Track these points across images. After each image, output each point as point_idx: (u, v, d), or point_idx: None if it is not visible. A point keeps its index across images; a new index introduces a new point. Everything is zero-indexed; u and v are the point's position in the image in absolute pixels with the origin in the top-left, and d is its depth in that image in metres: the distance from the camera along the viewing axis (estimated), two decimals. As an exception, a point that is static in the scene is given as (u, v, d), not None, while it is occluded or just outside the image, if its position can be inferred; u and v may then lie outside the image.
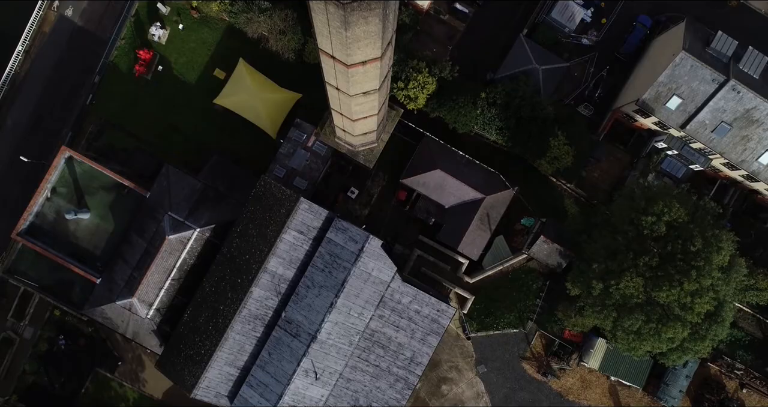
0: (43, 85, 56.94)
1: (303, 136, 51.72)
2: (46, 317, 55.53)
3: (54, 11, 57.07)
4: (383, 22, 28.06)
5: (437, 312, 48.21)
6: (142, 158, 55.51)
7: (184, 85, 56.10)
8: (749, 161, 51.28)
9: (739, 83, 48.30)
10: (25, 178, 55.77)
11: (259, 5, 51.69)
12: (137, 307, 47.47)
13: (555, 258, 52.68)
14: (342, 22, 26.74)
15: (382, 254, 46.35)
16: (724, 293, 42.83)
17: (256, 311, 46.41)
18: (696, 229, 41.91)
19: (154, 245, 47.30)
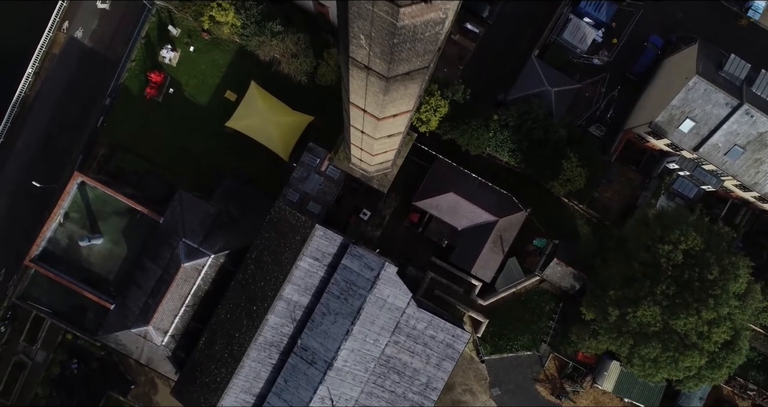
0: (53, 107, 56.74)
1: (316, 160, 51.63)
2: (58, 341, 55.40)
3: (64, 33, 56.85)
4: (422, 84, 27.70)
5: (452, 337, 48.21)
6: (153, 180, 55.43)
7: (196, 108, 55.95)
8: (762, 184, 51.34)
9: (753, 107, 48.35)
10: (35, 200, 55.66)
11: (272, 29, 51.52)
12: (152, 334, 47.37)
13: (568, 280, 52.72)
14: (382, 89, 26.07)
15: (397, 281, 46.32)
16: (740, 321, 42.90)
17: (272, 338, 46.35)
18: (712, 257, 41.94)
19: (168, 273, 47.19)
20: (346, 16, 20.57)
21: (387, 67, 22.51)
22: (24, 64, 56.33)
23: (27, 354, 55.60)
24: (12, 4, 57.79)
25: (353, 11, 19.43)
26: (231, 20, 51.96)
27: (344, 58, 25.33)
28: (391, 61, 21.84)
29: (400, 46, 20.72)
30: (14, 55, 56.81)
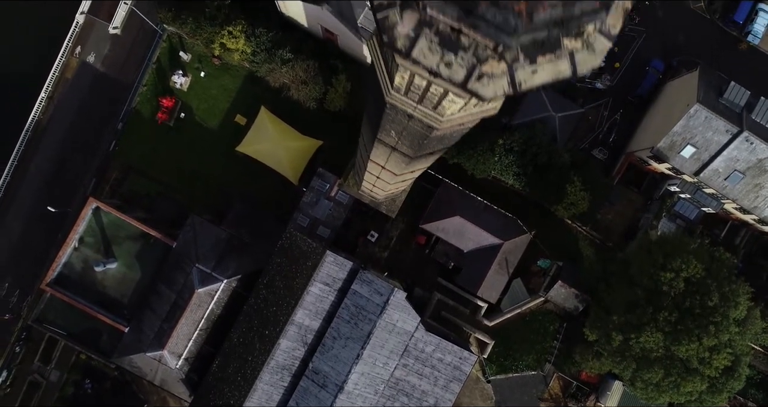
0: (66, 130, 57.80)
1: (326, 186, 52.74)
2: (72, 361, 56.46)
3: (76, 57, 57.91)
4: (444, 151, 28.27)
5: (459, 359, 49.38)
6: (165, 203, 56.57)
7: (206, 132, 57.02)
8: (761, 208, 52.54)
9: (752, 135, 49.51)
10: (48, 222, 56.73)
11: (282, 56, 52.56)
12: (167, 358, 48.50)
13: (572, 302, 53.90)
14: (405, 161, 26.42)
15: (406, 306, 47.48)
16: (740, 347, 44.13)
17: (284, 361, 47.51)
18: (713, 284, 43.15)
19: (182, 298, 48.31)
20: (379, 117, 20.96)
21: (413, 152, 23.25)
22: (37, 88, 57.42)
23: (41, 374, 56.69)
24: (26, 30, 58.86)
25: (388, 117, 19.98)
26: (241, 47, 53.00)
27: (370, 136, 25.92)
28: (419, 149, 22.54)
29: (430, 142, 21.40)
30: (28, 79, 57.90)
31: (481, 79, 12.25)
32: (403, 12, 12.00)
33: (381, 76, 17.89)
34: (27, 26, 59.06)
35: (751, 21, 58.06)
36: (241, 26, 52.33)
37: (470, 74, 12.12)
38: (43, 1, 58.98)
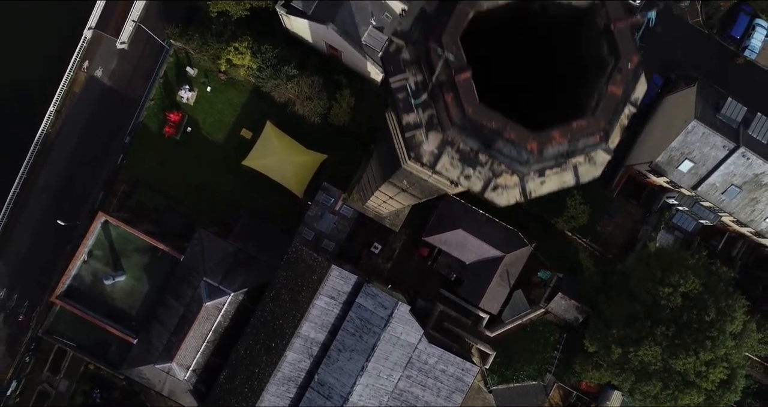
0: (74, 144, 58.68)
1: (330, 200, 53.72)
2: (81, 370, 57.38)
3: (84, 72, 58.81)
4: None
5: (462, 370, 50.41)
6: (172, 216, 57.54)
7: (212, 145, 57.96)
8: (758, 221, 53.55)
9: (749, 150, 50.51)
10: (56, 235, 57.56)
11: (287, 72, 53.50)
12: (175, 370, 49.49)
13: (572, 313, 54.92)
14: (414, 198, 27.11)
15: (410, 319, 48.51)
16: (736, 360, 45.17)
17: (290, 373, 48.52)
18: (710, 299, 44.16)
19: (191, 311, 49.29)
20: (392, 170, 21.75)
21: (423, 195, 24.22)
22: (46, 102, 58.29)
23: (51, 384, 57.64)
24: (35, 45, 59.71)
25: (402, 174, 20.77)
26: (247, 63, 53.93)
27: (380, 173, 26.62)
28: (428, 195, 23.52)
29: (440, 192, 22.33)
30: (37, 93, 58.81)
31: (496, 190, 13.55)
32: (429, 133, 13.10)
33: (399, 147, 18.81)
34: (36, 41, 59.86)
35: (749, 36, 59.08)
36: (247, 42, 53.27)
37: (487, 186, 13.40)
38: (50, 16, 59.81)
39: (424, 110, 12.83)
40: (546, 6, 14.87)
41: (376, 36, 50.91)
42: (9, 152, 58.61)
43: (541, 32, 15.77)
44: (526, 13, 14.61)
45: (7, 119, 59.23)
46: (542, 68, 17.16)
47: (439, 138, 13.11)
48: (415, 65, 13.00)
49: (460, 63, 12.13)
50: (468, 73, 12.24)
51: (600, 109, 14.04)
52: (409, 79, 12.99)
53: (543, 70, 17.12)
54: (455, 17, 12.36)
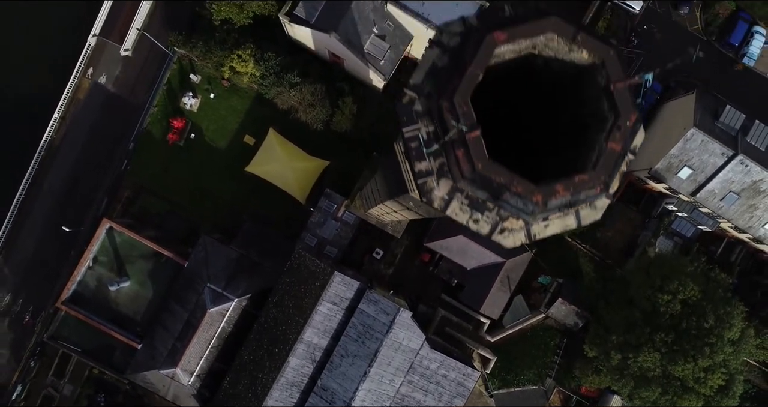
0: (78, 151, 59.17)
1: (333, 206, 54.23)
2: (86, 375, 57.87)
3: (88, 78, 59.31)
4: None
5: (463, 375, 50.93)
6: (175, 221, 58.06)
7: (216, 152, 58.45)
8: (756, 227, 54.06)
9: (747, 158, 51.01)
10: (61, 240, 58.05)
11: (290, 80, 53.99)
12: (180, 376, 50.01)
13: (572, 318, 55.44)
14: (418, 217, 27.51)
15: (411, 325, 49.02)
16: (734, 366, 45.70)
17: (293, 378, 49.01)
18: (709, 306, 44.69)
19: (195, 317, 49.79)
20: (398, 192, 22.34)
21: (428, 215, 24.85)
22: (51, 109, 58.77)
23: (55, 388, 58.14)
24: (39, 52, 60.20)
25: (408, 197, 21.33)
26: (251, 71, 54.41)
27: (386, 191, 27.14)
28: (434, 215, 24.12)
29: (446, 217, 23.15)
30: (41, 100, 59.26)
31: (503, 233, 14.39)
32: (440, 180, 13.89)
33: (407, 177, 19.38)
34: (40, 48, 60.33)
35: (747, 43, 59.55)
36: (250, 50, 53.77)
37: (494, 229, 14.28)
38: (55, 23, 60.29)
39: (435, 159, 13.50)
40: (549, 61, 15.66)
41: (378, 44, 51.45)
42: (14, 158, 59.13)
43: (545, 88, 16.41)
44: (531, 68, 15.37)
45: (12, 126, 59.77)
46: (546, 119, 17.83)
47: (449, 185, 13.77)
48: (427, 117, 13.64)
49: (470, 121, 12.94)
50: (478, 132, 13.12)
51: (600, 164, 15.01)
52: (421, 130, 13.71)
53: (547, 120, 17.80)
54: (466, 79, 13.17)
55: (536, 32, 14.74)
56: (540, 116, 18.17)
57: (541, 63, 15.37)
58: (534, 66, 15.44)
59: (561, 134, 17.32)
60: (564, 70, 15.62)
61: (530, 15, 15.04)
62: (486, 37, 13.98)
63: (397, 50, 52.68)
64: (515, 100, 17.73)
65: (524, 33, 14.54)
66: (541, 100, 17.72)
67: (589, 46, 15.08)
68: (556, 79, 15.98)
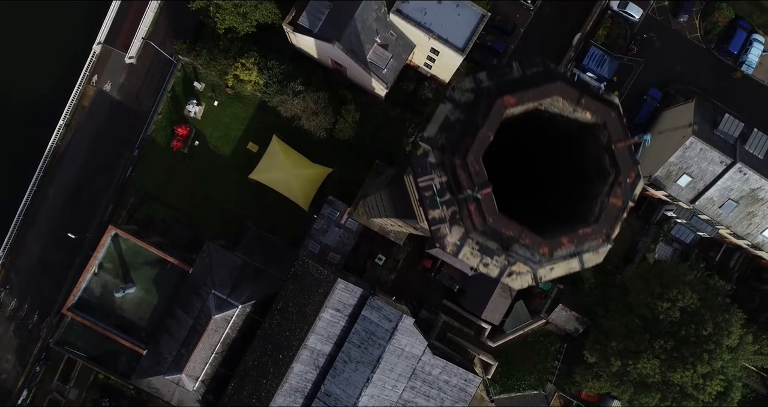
0: (83, 157, 59.70)
1: (336, 213, 54.79)
2: (91, 379, 58.41)
3: (93, 86, 59.86)
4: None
5: (464, 381, 51.50)
6: (179, 227, 58.66)
7: (220, 159, 58.99)
8: (754, 234, 54.65)
9: (745, 166, 51.59)
10: (65, 245, 58.58)
11: (293, 88, 54.48)
12: (185, 381, 50.57)
13: (572, 324, 56.03)
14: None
15: (414, 331, 49.59)
16: (732, 372, 46.30)
17: (297, 384, 49.58)
18: (707, 313, 45.27)
19: (200, 323, 50.35)
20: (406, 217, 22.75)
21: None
22: (56, 116, 59.28)
23: (61, 392, 58.71)
24: (45, 59, 60.70)
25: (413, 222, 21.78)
26: (254, 79, 54.93)
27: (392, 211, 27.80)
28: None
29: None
30: (47, 107, 59.78)
31: (511, 276, 15.33)
32: (452, 227, 14.75)
33: (417, 210, 20.11)
34: (46, 55, 60.82)
35: (746, 51, 60.11)
36: (254, 58, 54.28)
37: (503, 273, 15.16)
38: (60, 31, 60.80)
39: (447, 207, 14.19)
40: (555, 116, 16.47)
41: (381, 53, 52.02)
42: (20, 164, 59.72)
43: (551, 135, 17.02)
44: (539, 118, 16.13)
45: (18, 133, 60.38)
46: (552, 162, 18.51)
47: (461, 232, 14.48)
48: (440, 168, 14.34)
49: (482, 180, 13.84)
50: (489, 189, 14.11)
51: (603, 218, 15.96)
52: (434, 180, 14.54)
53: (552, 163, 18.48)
54: (478, 141, 14.09)
55: (543, 96, 15.67)
56: (546, 159, 18.85)
57: (547, 116, 15.98)
58: (541, 117, 16.04)
59: (565, 178, 17.99)
60: (569, 124, 16.25)
61: (537, 78, 15.92)
62: (497, 102, 14.88)
63: (399, 59, 53.26)
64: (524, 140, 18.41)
65: (532, 97, 15.51)
66: (548, 146, 18.40)
67: (592, 109, 16.05)
68: (561, 129, 16.60)
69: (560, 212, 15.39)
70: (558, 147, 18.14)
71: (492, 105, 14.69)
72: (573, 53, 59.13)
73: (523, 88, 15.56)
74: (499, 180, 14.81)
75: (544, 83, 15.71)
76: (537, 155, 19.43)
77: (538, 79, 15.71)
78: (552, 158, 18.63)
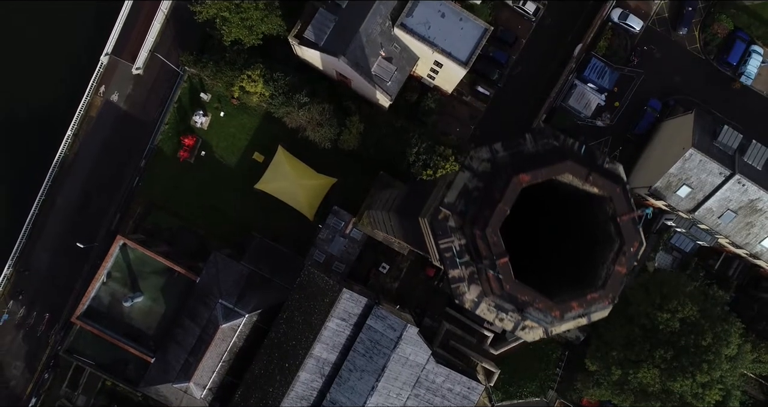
0: (91, 167, 60.47)
1: (341, 223, 55.61)
2: (99, 386, 59.27)
3: (100, 96, 60.64)
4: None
5: (467, 389, 52.35)
6: (186, 236, 59.50)
7: (226, 169, 59.80)
8: (753, 244, 55.50)
9: (744, 177, 52.39)
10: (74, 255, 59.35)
11: (299, 100, 55.26)
12: (193, 390, 51.43)
13: (574, 332, 56.89)
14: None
15: (418, 340, 50.44)
16: (731, 381, 47.19)
17: (303, 392, 50.43)
18: (707, 324, 46.13)
19: (207, 332, 51.21)
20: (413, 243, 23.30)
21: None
22: (64, 126, 60.05)
23: (69, 399, 59.55)
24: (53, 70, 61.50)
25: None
26: (260, 90, 55.71)
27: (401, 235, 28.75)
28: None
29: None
30: (55, 117, 60.57)
31: (524, 330, 16.71)
32: (471, 285, 16.02)
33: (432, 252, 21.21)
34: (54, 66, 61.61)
35: (745, 62, 60.89)
36: (260, 70, 55.03)
37: (516, 327, 16.48)
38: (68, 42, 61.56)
39: (466, 267, 15.32)
40: (565, 185, 17.77)
41: (386, 66, 52.81)
42: (28, 174, 60.53)
43: (560, 196, 18.02)
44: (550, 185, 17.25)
45: (26, 142, 61.22)
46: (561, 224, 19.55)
47: (479, 290, 15.54)
48: (459, 232, 15.45)
49: (500, 250, 15.26)
50: (506, 258, 15.59)
51: (609, 285, 17.41)
52: (454, 242, 15.89)
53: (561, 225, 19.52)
54: (496, 215, 15.62)
55: (555, 174, 17.23)
56: (555, 215, 19.88)
57: (557, 184, 16.97)
58: (552, 185, 17.05)
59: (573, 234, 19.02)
60: (577, 192, 17.26)
61: (549, 154, 17.46)
62: (513, 180, 16.44)
63: (403, 71, 54.06)
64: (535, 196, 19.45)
65: (545, 175, 17.04)
66: (557, 203, 19.41)
67: (599, 184, 17.60)
68: (570, 192, 17.61)
69: (568, 269, 16.62)
70: (567, 206, 19.20)
71: (509, 182, 15.92)
72: (574, 64, 59.92)
73: (537, 164, 16.78)
74: (511, 235, 15.82)
75: (555, 160, 16.92)
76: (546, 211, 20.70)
77: (549, 156, 16.91)
78: (561, 215, 19.72)
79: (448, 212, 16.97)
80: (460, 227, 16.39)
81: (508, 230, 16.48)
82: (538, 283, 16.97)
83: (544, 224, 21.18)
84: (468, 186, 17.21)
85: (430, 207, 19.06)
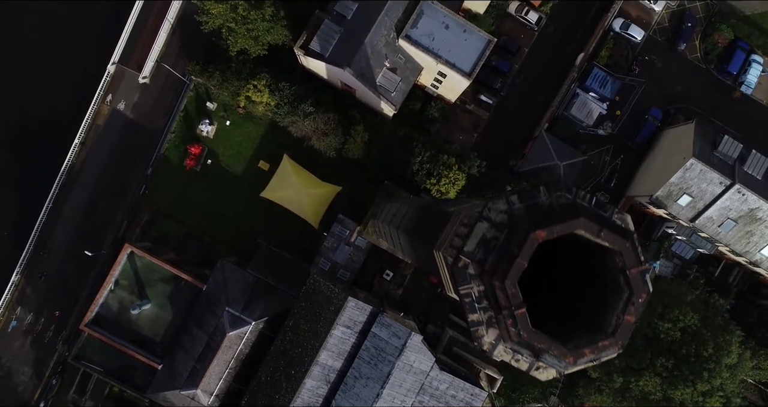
0: (98, 175, 61.11)
1: (345, 232, 56.30)
2: (106, 392, 59.93)
3: (107, 105, 61.31)
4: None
5: (471, 396, 53.06)
6: (192, 244, 60.15)
7: (231, 177, 60.47)
8: (752, 252, 56.22)
9: (744, 187, 53.11)
10: (81, 262, 60.04)
11: (304, 110, 55.91)
12: (200, 396, 52.14)
13: (575, 339, 57.54)
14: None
15: (422, 348, 51.13)
16: (731, 389, 47.92)
17: (309, 399, 51.11)
18: (708, 334, 46.84)
19: (215, 340, 51.88)
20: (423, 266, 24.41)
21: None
22: (71, 134, 60.70)
23: (77, 404, 60.18)
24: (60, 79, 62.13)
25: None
26: (266, 100, 56.36)
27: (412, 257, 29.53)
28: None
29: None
30: (62, 126, 61.20)
31: (539, 370, 17.71)
32: (489, 328, 16.99)
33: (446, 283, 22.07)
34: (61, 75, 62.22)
35: (745, 71, 61.60)
36: (266, 80, 55.66)
37: (531, 367, 17.51)
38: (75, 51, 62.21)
39: (484, 312, 16.18)
40: (578, 235, 18.74)
41: (390, 77, 53.49)
42: (36, 182, 61.15)
43: (573, 245, 18.88)
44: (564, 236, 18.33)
45: (34, 151, 61.85)
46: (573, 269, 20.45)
47: (496, 333, 16.37)
48: (478, 279, 16.32)
49: (518, 301, 16.29)
50: (524, 309, 16.67)
51: (619, 333, 18.43)
52: (473, 289, 16.92)
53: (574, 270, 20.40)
54: (514, 269, 16.74)
55: (569, 229, 18.32)
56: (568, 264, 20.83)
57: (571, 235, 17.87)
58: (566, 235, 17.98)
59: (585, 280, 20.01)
60: (589, 242, 18.08)
61: (563, 211, 18.58)
62: (530, 236, 17.67)
63: (407, 81, 54.74)
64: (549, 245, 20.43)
65: (560, 230, 18.11)
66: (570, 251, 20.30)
67: (609, 240, 18.76)
68: (582, 245, 18.46)
69: (579, 306, 17.51)
70: (579, 252, 20.12)
71: (526, 238, 16.93)
72: (576, 74, 60.60)
73: (552, 220, 17.80)
74: (526, 278, 16.65)
75: (569, 216, 18.00)
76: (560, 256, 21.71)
77: (563, 211, 17.95)
78: (573, 260, 20.66)
79: (468, 261, 17.89)
80: (479, 274, 17.32)
81: (523, 274, 17.26)
82: (551, 320, 17.88)
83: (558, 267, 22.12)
84: (486, 236, 18.25)
85: (444, 241, 19.96)
